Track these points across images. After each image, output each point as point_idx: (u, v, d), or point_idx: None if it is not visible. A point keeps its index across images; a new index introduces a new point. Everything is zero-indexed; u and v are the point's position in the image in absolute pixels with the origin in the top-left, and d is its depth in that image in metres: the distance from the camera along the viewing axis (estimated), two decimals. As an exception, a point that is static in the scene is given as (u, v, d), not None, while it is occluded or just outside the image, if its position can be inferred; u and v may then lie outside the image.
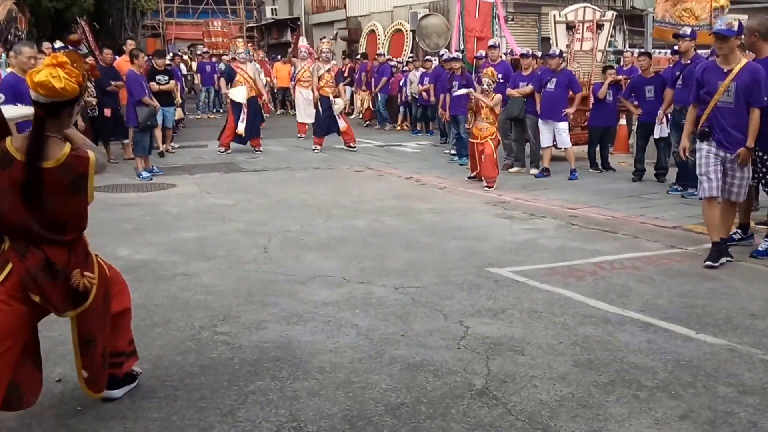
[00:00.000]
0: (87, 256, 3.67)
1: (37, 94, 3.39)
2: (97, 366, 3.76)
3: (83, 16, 22.92)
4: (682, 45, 10.12)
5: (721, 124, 6.72)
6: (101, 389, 3.86)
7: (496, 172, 11.09)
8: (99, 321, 3.72)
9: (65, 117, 3.52)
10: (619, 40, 23.81)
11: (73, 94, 3.44)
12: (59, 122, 3.49)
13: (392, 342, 4.83)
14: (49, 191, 3.40)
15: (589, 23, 14.42)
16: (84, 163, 3.47)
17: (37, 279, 3.46)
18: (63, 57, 3.45)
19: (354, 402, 3.94)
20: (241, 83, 14.97)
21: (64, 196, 3.45)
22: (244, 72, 15.08)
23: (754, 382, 4.21)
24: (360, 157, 14.69)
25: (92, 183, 3.52)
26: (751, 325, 5.15)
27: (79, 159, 3.47)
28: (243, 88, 14.84)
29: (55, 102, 3.41)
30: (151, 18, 41.97)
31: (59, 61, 3.41)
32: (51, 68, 3.37)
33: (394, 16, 26.78)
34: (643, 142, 11.69)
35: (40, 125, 3.41)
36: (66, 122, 3.55)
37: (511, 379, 4.24)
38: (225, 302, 5.63)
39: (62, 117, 3.50)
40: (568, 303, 5.63)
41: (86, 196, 3.53)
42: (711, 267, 6.56)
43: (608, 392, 4.08)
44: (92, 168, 3.49)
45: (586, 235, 7.96)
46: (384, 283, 6.12)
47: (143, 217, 8.81)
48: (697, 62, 9.86)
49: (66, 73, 3.38)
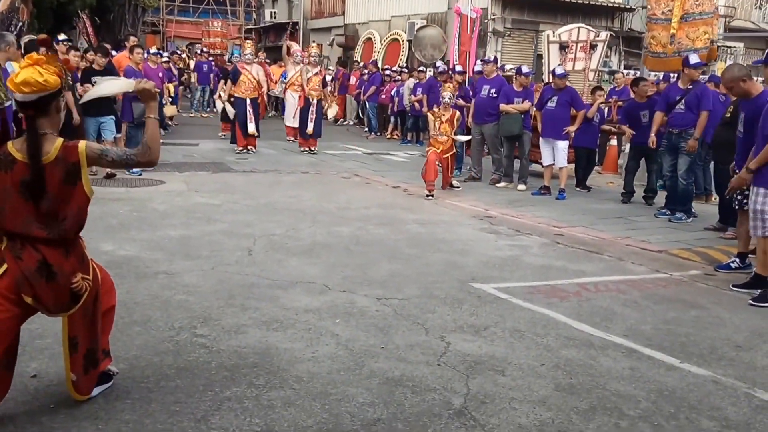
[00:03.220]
0: (83, 258, 3.69)
1: (22, 94, 3.45)
2: (80, 367, 3.74)
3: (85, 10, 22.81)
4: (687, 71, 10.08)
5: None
6: (85, 392, 3.83)
7: (434, 176, 11.20)
8: (85, 322, 3.72)
9: (54, 112, 3.58)
10: (615, 61, 23.91)
11: (56, 85, 3.51)
12: (50, 118, 3.55)
13: (372, 354, 4.77)
14: (49, 187, 3.46)
15: (583, 43, 14.44)
16: (73, 152, 3.51)
17: (31, 280, 3.48)
18: (37, 56, 3.53)
19: (330, 415, 3.87)
20: (245, 83, 15.16)
21: (62, 190, 3.49)
22: (249, 73, 15.27)
23: (737, 416, 4.16)
24: (348, 164, 14.65)
25: (85, 172, 3.54)
26: (736, 356, 5.12)
27: (69, 149, 3.51)
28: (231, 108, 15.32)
29: (41, 97, 3.47)
30: (151, 15, 41.91)
31: (34, 60, 3.49)
32: (29, 68, 3.46)
33: (391, 26, 26.80)
34: (634, 164, 11.71)
35: (32, 125, 3.48)
36: (56, 118, 3.60)
37: (490, 400, 4.18)
38: (206, 304, 5.55)
39: (52, 112, 3.56)
40: (551, 323, 5.58)
41: (82, 188, 3.55)
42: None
43: (589, 419, 4.02)
44: (83, 155, 3.51)
45: (570, 254, 7.93)
46: (366, 293, 6.06)
47: (130, 213, 8.71)
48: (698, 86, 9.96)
49: (44, 68, 3.47)
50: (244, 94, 15.16)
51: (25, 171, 3.43)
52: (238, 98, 15.20)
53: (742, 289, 6.80)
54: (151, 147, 3.68)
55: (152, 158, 3.71)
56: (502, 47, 23.02)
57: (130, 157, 3.71)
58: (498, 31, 22.98)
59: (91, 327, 3.77)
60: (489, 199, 11.21)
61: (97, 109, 10.56)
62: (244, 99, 15.12)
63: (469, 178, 13.13)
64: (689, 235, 9.23)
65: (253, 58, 15.80)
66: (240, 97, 15.17)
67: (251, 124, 15.02)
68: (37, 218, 3.47)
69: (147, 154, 3.69)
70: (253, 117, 15.07)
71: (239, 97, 15.17)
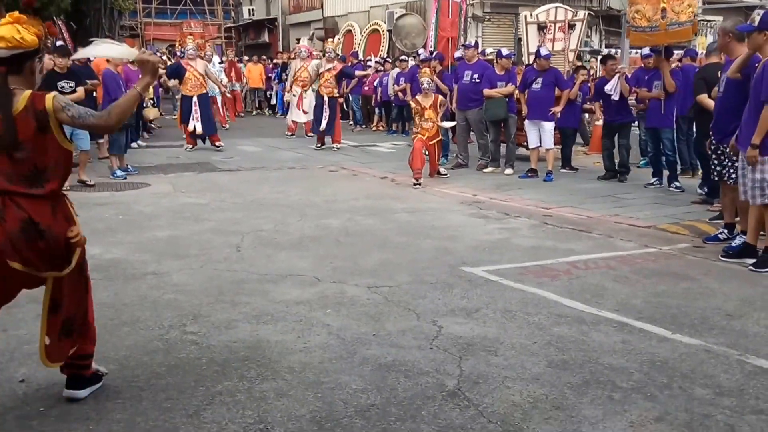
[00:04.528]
0: (71, 217, 3.64)
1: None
2: (57, 332, 3.70)
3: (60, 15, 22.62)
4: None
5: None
6: (55, 358, 3.77)
7: (421, 164, 11.16)
8: (71, 288, 3.70)
9: (28, 73, 3.55)
10: (596, 41, 23.91)
11: (33, 44, 3.48)
12: (23, 77, 3.52)
13: (364, 342, 4.75)
14: (22, 135, 3.40)
15: (561, 23, 14.41)
16: (41, 99, 3.45)
17: (15, 243, 3.42)
18: (18, 14, 3.49)
19: (323, 403, 3.86)
20: (191, 80, 15.03)
21: (36, 140, 3.44)
22: (194, 69, 15.13)
23: (730, 383, 4.17)
24: (334, 157, 14.62)
25: (55, 123, 3.47)
26: (727, 325, 5.13)
27: (38, 96, 3.46)
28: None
29: (15, 54, 3.43)
30: (129, 18, 41.61)
31: (15, 17, 3.47)
32: (8, 24, 3.43)
33: (371, 16, 26.74)
34: (608, 142, 11.85)
35: (3, 80, 3.44)
36: (30, 79, 3.56)
37: (483, 380, 4.17)
38: (195, 301, 5.52)
39: (26, 72, 3.52)
40: (543, 302, 5.58)
41: (55, 139, 3.50)
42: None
43: (582, 393, 4.02)
44: (49, 101, 3.44)
45: (560, 234, 7.93)
46: (357, 283, 6.04)
47: (116, 216, 8.66)
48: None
49: (24, 27, 3.44)
50: (191, 91, 15.02)
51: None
52: (184, 96, 15.14)
53: (732, 259, 6.82)
54: (111, 112, 3.57)
55: (110, 123, 3.59)
56: (482, 32, 23.00)
57: (89, 116, 3.56)
58: (478, 16, 22.96)
59: (74, 294, 3.74)
60: (477, 185, 11.21)
61: None
62: (190, 97, 15.01)
63: (455, 164, 13.11)
64: (677, 209, 9.25)
65: (196, 54, 15.62)
66: (187, 95, 15.09)
67: (198, 123, 14.87)
68: (17, 172, 3.42)
69: (105, 118, 3.57)
70: (199, 116, 14.87)
71: (186, 95, 15.10)
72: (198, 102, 14.94)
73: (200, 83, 15.11)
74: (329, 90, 15.83)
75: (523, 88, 12.16)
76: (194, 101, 14.89)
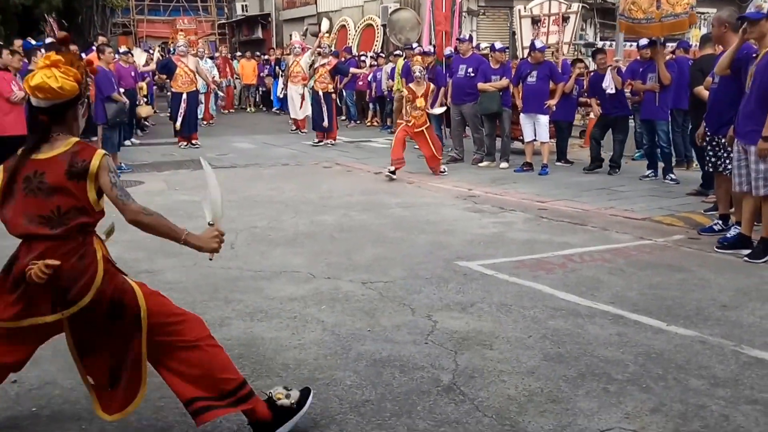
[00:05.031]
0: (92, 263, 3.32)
1: (36, 99, 3.19)
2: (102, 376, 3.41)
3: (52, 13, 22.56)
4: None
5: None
6: (113, 410, 3.41)
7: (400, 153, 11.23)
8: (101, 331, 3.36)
9: (71, 120, 3.31)
10: (590, 34, 23.87)
11: (73, 92, 3.22)
12: (66, 124, 3.28)
13: (359, 338, 4.74)
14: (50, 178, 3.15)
15: (555, 16, 14.36)
16: (89, 152, 3.22)
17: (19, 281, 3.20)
18: (56, 56, 3.23)
19: (318, 400, 3.83)
20: (182, 76, 15.00)
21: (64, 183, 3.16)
22: (185, 66, 15.10)
23: (725, 374, 4.16)
24: (328, 152, 14.60)
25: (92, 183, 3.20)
26: (722, 316, 5.12)
27: (85, 148, 3.24)
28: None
29: (56, 104, 3.21)
30: (121, 16, 41.50)
31: (52, 60, 3.20)
32: (45, 69, 3.18)
33: (365, 11, 26.66)
34: (598, 132, 11.92)
35: (45, 128, 3.23)
36: (74, 126, 3.33)
37: (479, 374, 4.16)
38: (189, 299, 5.48)
39: (68, 119, 3.29)
40: (538, 296, 5.56)
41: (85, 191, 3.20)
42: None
43: (578, 386, 4.01)
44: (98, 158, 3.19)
45: (555, 227, 7.92)
46: (351, 278, 6.02)
47: (108, 215, 8.58)
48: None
49: (62, 72, 3.18)
50: (181, 88, 15.01)
51: (29, 166, 3.18)
52: (174, 93, 15.13)
53: (727, 250, 6.81)
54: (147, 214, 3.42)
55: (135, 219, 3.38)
56: (477, 26, 22.95)
57: (124, 196, 3.32)
58: (472, 10, 22.90)
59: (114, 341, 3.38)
60: (472, 179, 11.20)
61: None
62: (180, 93, 15.00)
63: (450, 159, 13.08)
64: (672, 201, 9.25)
65: (187, 50, 15.58)
66: (177, 91, 15.06)
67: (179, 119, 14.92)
68: (39, 213, 3.16)
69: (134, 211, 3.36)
70: (183, 112, 14.88)
71: (176, 92, 15.08)
72: (187, 99, 14.96)
73: (191, 80, 15.11)
74: (324, 86, 15.82)
75: (517, 81, 12.15)
76: (183, 98, 14.91)
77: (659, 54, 10.53)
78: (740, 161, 6.66)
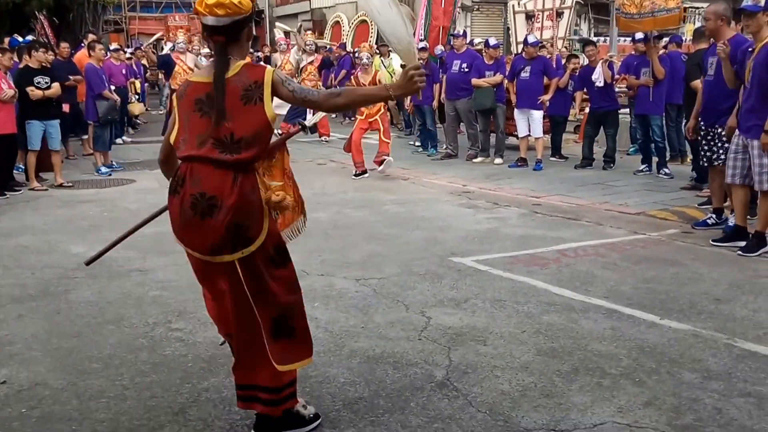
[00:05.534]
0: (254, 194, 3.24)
1: (216, 17, 3.15)
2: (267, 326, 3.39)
3: (42, 10, 22.43)
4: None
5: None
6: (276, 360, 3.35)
7: (360, 155, 11.13)
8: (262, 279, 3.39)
9: (244, 40, 3.28)
10: (584, 29, 23.88)
11: (249, 7, 3.22)
12: (240, 45, 3.26)
13: (352, 334, 4.71)
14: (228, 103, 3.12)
15: (549, 11, 14.35)
16: (256, 72, 3.19)
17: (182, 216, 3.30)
18: None
19: (310, 397, 3.81)
20: (180, 74, 14.88)
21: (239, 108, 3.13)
22: (183, 63, 15.07)
23: (718, 367, 4.15)
24: (323, 150, 14.57)
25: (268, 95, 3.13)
26: (715, 309, 5.11)
27: (253, 69, 3.22)
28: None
29: (235, 21, 3.18)
30: (113, 13, 41.32)
31: None
32: None
33: (359, 7, 26.58)
34: (590, 130, 11.86)
35: (222, 51, 3.20)
36: (245, 47, 3.31)
37: (472, 370, 4.14)
38: (181, 298, 5.46)
39: (242, 39, 3.26)
40: (532, 291, 5.55)
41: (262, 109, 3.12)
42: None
43: (571, 381, 3.99)
44: (269, 74, 3.15)
45: (549, 222, 7.91)
46: (345, 275, 6.00)
47: (101, 214, 8.59)
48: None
49: None
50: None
51: (200, 89, 3.18)
52: (173, 90, 15.04)
53: (722, 243, 6.80)
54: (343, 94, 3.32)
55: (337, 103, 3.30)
56: (471, 22, 22.93)
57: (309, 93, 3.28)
58: (467, 6, 22.89)
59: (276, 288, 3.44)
60: (466, 175, 11.18)
61: (45, 110, 10.11)
62: None
63: (445, 155, 13.06)
64: (666, 195, 9.24)
65: (186, 47, 15.55)
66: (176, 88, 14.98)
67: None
68: (213, 135, 3.12)
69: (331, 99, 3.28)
70: None
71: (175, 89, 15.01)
72: None
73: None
74: (313, 83, 15.74)
75: (511, 76, 12.14)
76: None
77: (652, 49, 10.52)
78: (736, 153, 6.64)
